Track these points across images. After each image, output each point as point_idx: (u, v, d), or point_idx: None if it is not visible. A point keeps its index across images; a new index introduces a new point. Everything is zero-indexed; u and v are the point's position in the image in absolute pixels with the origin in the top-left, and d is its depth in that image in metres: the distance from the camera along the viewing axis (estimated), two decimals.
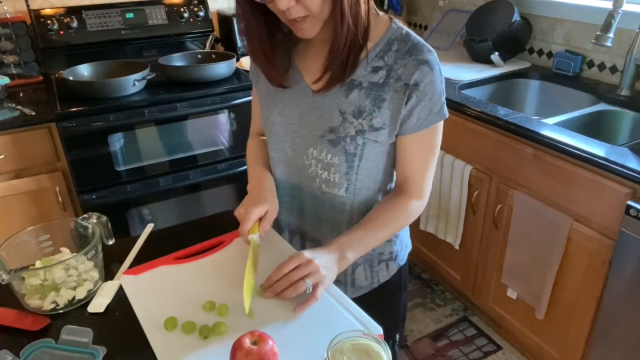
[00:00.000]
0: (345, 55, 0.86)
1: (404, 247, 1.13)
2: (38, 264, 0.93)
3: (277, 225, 1.11)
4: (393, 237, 1.08)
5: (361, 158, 0.94)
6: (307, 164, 0.98)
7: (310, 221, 1.05)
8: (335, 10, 0.81)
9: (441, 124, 0.94)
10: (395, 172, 1.02)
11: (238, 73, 2.20)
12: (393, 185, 1.05)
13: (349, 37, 0.84)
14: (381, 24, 0.92)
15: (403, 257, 1.13)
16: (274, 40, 0.93)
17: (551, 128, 1.60)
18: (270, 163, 1.06)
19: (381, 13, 0.93)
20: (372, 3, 0.88)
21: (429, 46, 0.90)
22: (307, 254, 0.83)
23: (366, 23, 0.85)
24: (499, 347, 2.00)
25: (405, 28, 0.92)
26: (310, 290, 0.81)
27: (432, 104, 0.90)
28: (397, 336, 1.17)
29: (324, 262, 0.83)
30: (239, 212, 0.95)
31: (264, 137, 1.14)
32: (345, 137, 0.92)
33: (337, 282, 0.89)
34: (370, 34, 0.88)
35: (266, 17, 0.88)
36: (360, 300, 0.86)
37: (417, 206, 0.97)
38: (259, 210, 0.94)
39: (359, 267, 1.06)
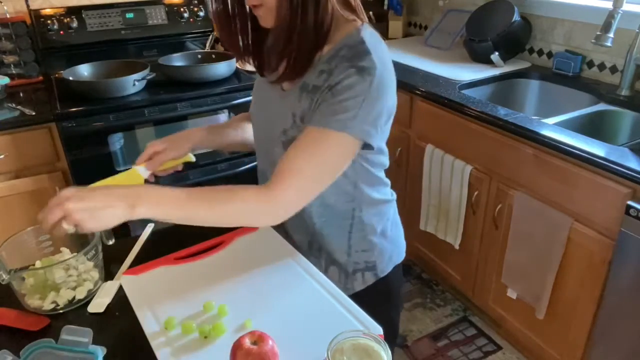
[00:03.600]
0: (294, 53, 0.86)
1: (385, 259, 1.07)
2: (38, 264, 0.93)
3: None
4: (369, 245, 1.04)
5: None
6: (278, 160, 0.98)
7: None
8: (278, 2, 0.83)
9: (340, 138, 0.83)
10: (358, 181, 0.98)
11: (238, 73, 2.20)
12: (362, 191, 1.00)
13: (294, 29, 0.83)
14: (345, 29, 0.89)
15: (384, 269, 1.08)
16: (259, 39, 0.97)
17: (551, 128, 1.60)
18: (257, 156, 1.11)
19: (353, 18, 0.90)
20: (334, 7, 0.85)
21: (376, 59, 0.83)
22: (66, 191, 0.76)
23: (316, 20, 0.83)
24: (499, 347, 2.00)
25: (366, 36, 0.86)
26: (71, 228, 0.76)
27: (341, 109, 0.82)
28: None
29: (86, 205, 0.75)
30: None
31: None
32: (292, 140, 0.90)
33: None
34: (331, 38, 0.88)
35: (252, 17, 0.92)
36: None
37: (259, 201, 0.83)
38: (156, 145, 1.00)
39: (332, 267, 1.04)
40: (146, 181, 1.03)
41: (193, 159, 1.08)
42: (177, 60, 2.23)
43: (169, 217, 0.79)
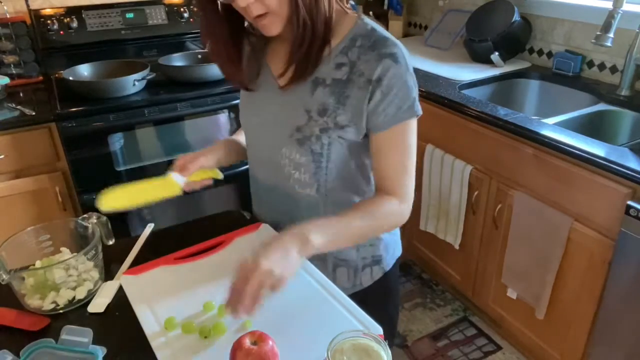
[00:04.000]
0: (305, 51, 0.86)
1: (389, 252, 1.10)
2: (38, 264, 0.93)
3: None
4: (375, 240, 1.06)
5: (329, 158, 0.93)
6: (282, 163, 0.98)
7: (288, 221, 1.04)
8: (291, 6, 0.82)
9: (414, 122, 0.91)
10: (371, 175, 1.01)
11: None
12: (372, 188, 1.03)
13: (307, 33, 0.83)
14: (348, 21, 0.91)
15: (389, 263, 1.11)
16: (240, 46, 0.95)
17: (551, 128, 1.60)
18: (250, 163, 1.09)
19: (350, 11, 0.92)
20: (336, 1, 0.88)
21: (394, 40, 0.88)
22: (250, 260, 0.76)
23: (326, 18, 0.85)
24: (499, 347, 2.00)
25: (372, 24, 0.90)
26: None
27: (400, 100, 0.87)
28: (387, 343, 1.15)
29: (277, 259, 0.76)
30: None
31: None
32: (310, 136, 0.91)
33: None
34: (335, 32, 0.88)
35: (231, 23, 0.90)
36: None
37: (397, 207, 0.92)
38: (189, 156, 1.00)
39: (339, 268, 1.05)
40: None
41: (221, 175, 1.07)
42: (177, 60, 2.23)
43: (335, 238, 0.86)
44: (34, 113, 1.84)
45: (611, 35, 1.67)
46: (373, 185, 1.02)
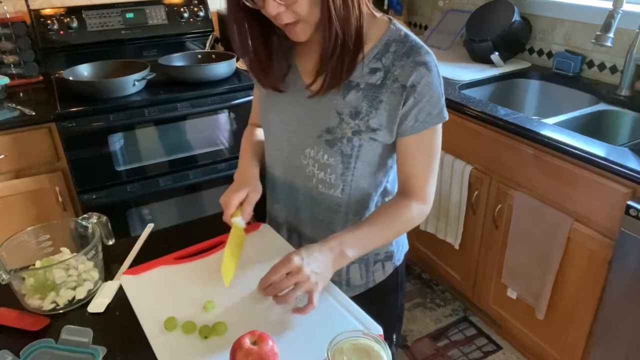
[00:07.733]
0: (337, 59, 0.85)
1: (400, 247, 1.13)
2: (38, 264, 0.93)
3: (276, 222, 1.11)
4: None
5: (357, 159, 0.94)
6: (305, 163, 0.98)
7: (306, 221, 1.05)
8: (323, 15, 0.81)
9: (440, 126, 0.94)
10: (389, 169, 1.02)
11: (238, 73, 2.20)
12: (389, 186, 1.04)
13: (338, 42, 0.83)
14: (379, 25, 0.91)
15: (399, 257, 1.13)
16: (270, 46, 0.94)
17: (551, 128, 1.60)
18: (268, 161, 1.08)
19: (379, 14, 0.92)
20: (366, 6, 0.88)
21: (427, 48, 0.90)
22: (297, 259, 0.80)
23: (357, 27, 0.84)
24: (499, 347, 2.00)
25: (404, 29, 0.91)
26: (299, 300, 0.80)
27: (431, 106, 0.90)
28: (394, 337, 1.17)
29: (317, 267, 0.81)
30: (221, 200, 0.99)
31: (260, 128, 1.15)
32: (342, 138, 0.92)
33: (332, 281, 0.89)
34: (367, 36, 0.88)
35: (260, 22, 0.89)
36: (356, 300, 0.86)
37: (419, 210, 0.96)
38: (239, 195, 0.97)
39: (353, 265, 1.06)
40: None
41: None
42: (177, 60, 2.23)
43: (366, 250, 0.92)
44: (34, 113, 1.84)
45: (611, 35, 1.67)
46: (391, 179, 1.03)
